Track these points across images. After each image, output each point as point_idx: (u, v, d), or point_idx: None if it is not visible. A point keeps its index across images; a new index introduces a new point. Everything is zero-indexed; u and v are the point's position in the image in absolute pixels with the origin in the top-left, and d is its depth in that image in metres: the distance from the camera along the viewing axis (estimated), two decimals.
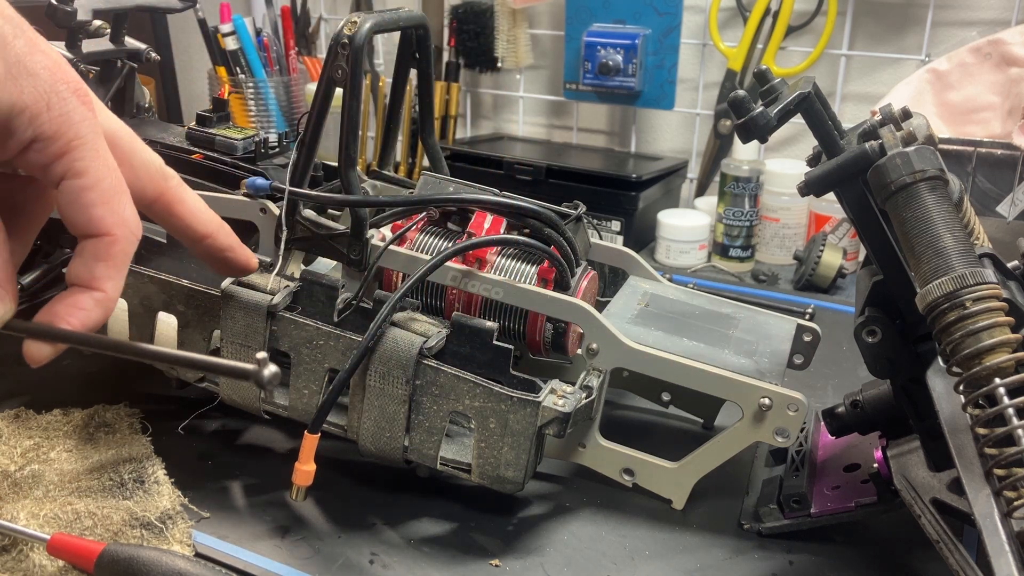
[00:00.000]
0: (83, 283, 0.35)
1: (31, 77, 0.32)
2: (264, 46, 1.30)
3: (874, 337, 0.48)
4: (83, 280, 0.35)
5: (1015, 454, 0.39)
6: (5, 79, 0.32)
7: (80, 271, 0.35)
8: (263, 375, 0.32)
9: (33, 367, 0.35)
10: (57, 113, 0.33)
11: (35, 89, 0.32)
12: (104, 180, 0.34)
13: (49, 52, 0.34)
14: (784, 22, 1.13)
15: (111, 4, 0.76)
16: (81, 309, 0.34)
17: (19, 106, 0.32)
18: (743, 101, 0.48)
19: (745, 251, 1.09)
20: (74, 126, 0.33)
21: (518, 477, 0.54)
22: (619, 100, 1.24)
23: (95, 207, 0.34)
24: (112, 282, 0.35)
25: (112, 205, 0.34)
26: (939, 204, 0.42)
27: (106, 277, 0.35)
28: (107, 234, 0.34)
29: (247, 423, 0.68)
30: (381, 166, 0.72)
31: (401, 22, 0.62)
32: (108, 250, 0.35)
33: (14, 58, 0.32)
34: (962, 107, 1.00)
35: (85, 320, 0.35)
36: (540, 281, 0.60)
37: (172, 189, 0.40)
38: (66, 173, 0.34)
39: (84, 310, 0.35)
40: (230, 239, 0.43)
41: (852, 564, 0.54)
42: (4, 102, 0.32)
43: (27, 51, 0.33)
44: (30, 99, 0.32)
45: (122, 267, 0.35)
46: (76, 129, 0.33)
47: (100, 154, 0.34)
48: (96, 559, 0.49)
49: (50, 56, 0.34)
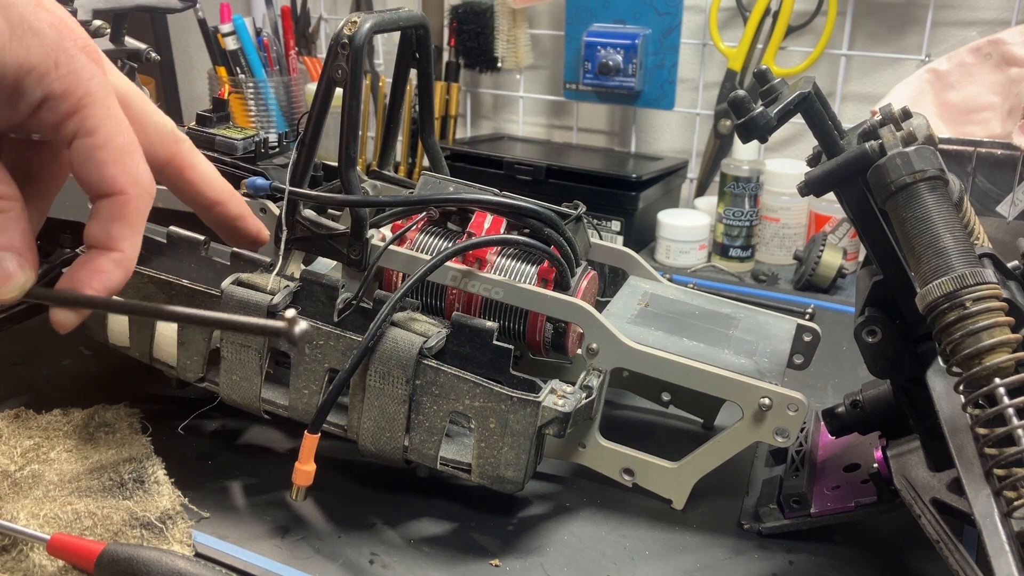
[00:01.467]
0: (100, 244, 0.35)
1: (37, 36, 0.32)
2: (264, 46, 1.30)
3: (874, 337, 0.48)
4: (100, 241, 0.35)
5: (1015, 454, 0.39)
6: (10, 40, 0.31)
7: (97, 232, 0.35)
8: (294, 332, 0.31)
9: (62, 333, 0.35)
10: (66, 71, 0.32)
11: (42, 48, 0.32)
12: (116, 138, 0.34)
13: (54, 9, 0.33)
14: (784, 22, 1.13)
15: (111, 4, 0.76)
16: (102, 272, 0.34)
17: (26, 66, 0.32)
18: (743, 101, 0.48)
19: (745, 251, 1.09)
20: (83, 83, 0.33)
21: (518, 477, 0.54)
22: (619, 100, 1.24)
23: (108, 165, 0.34)
24: (129, 241, 0.35)
25: (125, 164, 0.34)
26: (939, 204, 0.42)
27: (122, 237, 0.35)
28: (121, 192, 0.34)
29: (247, 423, 0.68)
30: (381, 166, 0.72)
31: (401, 22, 0.62)
32: (123, 209, 0.34)
33: (18, 18, 0.31)
34: (962, 107, 1.00)
35: (107, 283, 0.34)
36: (540, 281, 0.60)
37: (184, 152, 0.40)
38: (78, 131, 0.33)
39: (105, 273, 0.34)
40: (241, 208, 0.43)
41: (852, 564, 0.54)
42: (11, 63, 0.31)
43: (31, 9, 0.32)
44: (37, 58, 0.32)
45: (138, 226, 0.35)
46: (86, 87, 0.33)
47: (111, 112, 0.34)
48: (96, 559, 0.49)
49: (55, 14, 0.33)
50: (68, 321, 0.35)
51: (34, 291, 0.34)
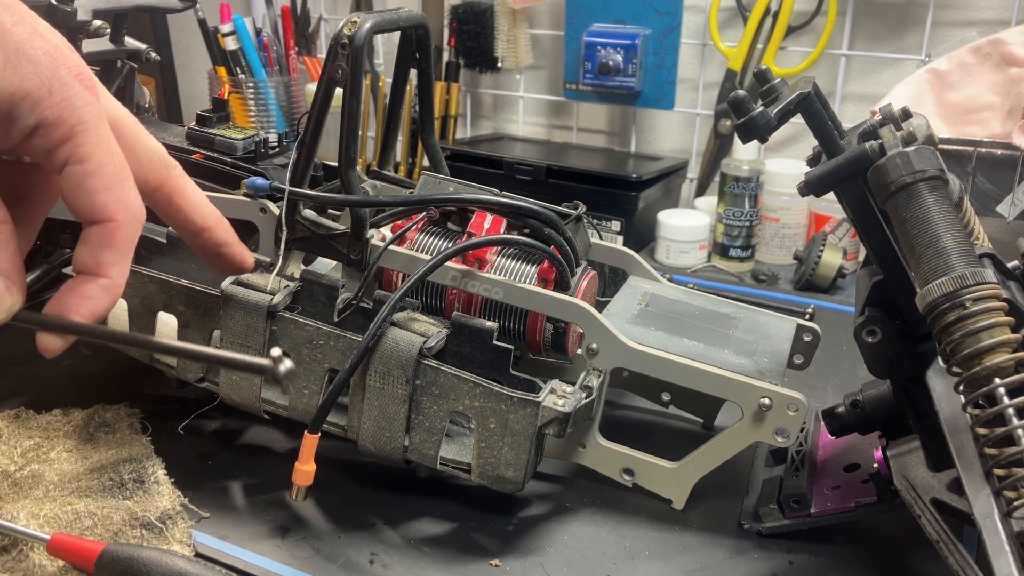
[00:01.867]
0: (89, 270, 0.35)
1: (31, 64, 0.32)
2: (264, 46, 1.30)
3: (874, 337, 0.48)
4: (89, 267, 0.35)
5: (1015, 454, 0.39)
6: (4, 67, 0.32)
7: (85, 258, 0.35)
8: (279, 371, 0.31)
9: (48, 358, 0.35)
10: (59, 99, 0.33)
11: (36, 75, 0.32)
12: (107, 166, 0.34)
13: (50, 37, 0.33)
14: (784, 22, 1.13)
15: (111, 4, 0.76)
16: (89, 298, 0.35)
17: (20, 93, 0.32)
18: (743, 101, 0.48)
19: (745, 251, 1.09)
20: (77, 111, 0.33)
21: (518, 477, 0.54)
22: (619, 100, 1.24)
23: (98, 193, 0.34)
24: (118, 268, 0.35)
25: (115, 191, 0.34)
26: (939, 204, 0.42)
27: (111, 263, 0.35)
28: (111, 220, 0.34)
29: (247, 423, 0.68)
30: (381, 166, 0.72)
31: (401, 22, 0.62)
32: (112, 236, 0.35)
33: (13, 46, 0.32)
34: (962, 107, 1.00)
35: (93, 309, 0.35)
36: (540, 281, 0.60)
37: (174, 179, 0.40)
38: (69, 159, 0.34)
39: (92, 299, 0.35)
40: (228, 235, 0.43)
41: (852, 564, 0.54)
42: (5, 90, 0.32)
43: (27, 37, 0.32)
44: (31, 86, 0.32)
45: (127, 252, 0.35)
46: (79, 114, 0.33)
47: (103, 139, 0.34)
48: (96, 559, 0.49)
49: (51, 41, 0.33)
50: (54, 346, 0.35)
51: (21, 315, 0.34)
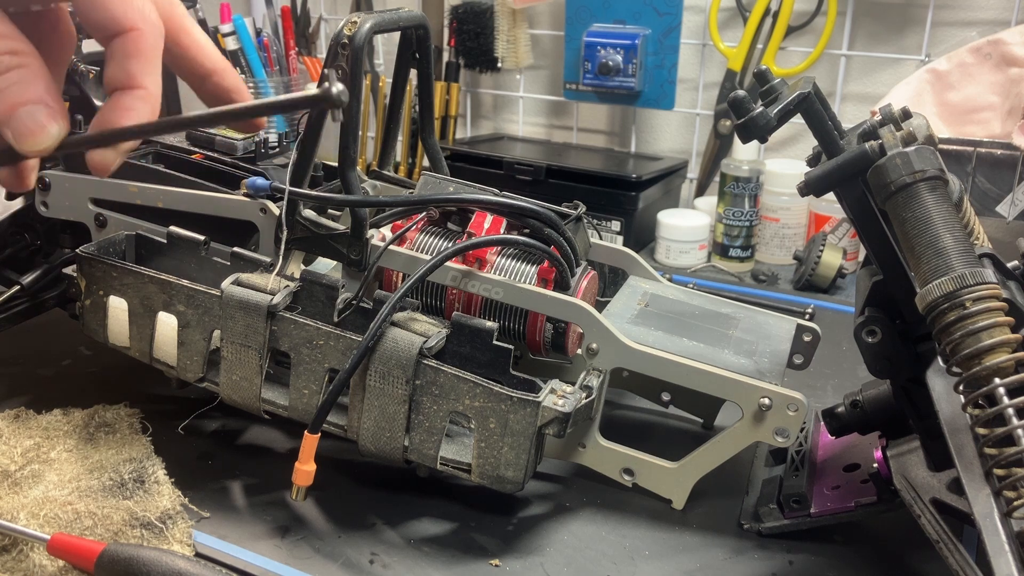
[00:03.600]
0: (123, 84, 0.35)
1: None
2: (264, 46, 1.30)
3: (874, 337, 0.48)
4: (121, 81, 0.35)
5: (1015, 454, 0.39)
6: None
7: (117, 73, 0.35)
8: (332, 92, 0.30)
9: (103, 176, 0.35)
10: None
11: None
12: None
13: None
14: (784, 22, 1.13)
15: None
16: (129, 110, 0.34)
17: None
18: (743, 101, 0.48)
19: (745, 251, 1.09)
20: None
21: (518, 477, 0.54)
22: (619, 100, 1.24)
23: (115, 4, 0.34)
24: (150, 77, 0.35)
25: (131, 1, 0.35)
26: (939, 204, 0.42)
27: (143, 73, 0.35)
28: (132, 28, 0.34)
29: (247, 423, 0.68)
30: (381, 166, 0.72)
31: (401, 22, 0.62)
32: (136, 45, 0.35)
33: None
34: (962, 107, 1.00)
35: (137, 119, 0.34)
36: (540, 281, 0.60)
37: (179, 16, 0.40)
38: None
39: (132, 110, 0.34)
40: (236, 81, 0.42)
41: (852, 564, 0.54)
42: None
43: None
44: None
45: (155, 60, 0.35)
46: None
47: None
48: (96, 559, 0.49)
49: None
50: (108, 160, 0.35)
51: (67, 141, 0.34)
